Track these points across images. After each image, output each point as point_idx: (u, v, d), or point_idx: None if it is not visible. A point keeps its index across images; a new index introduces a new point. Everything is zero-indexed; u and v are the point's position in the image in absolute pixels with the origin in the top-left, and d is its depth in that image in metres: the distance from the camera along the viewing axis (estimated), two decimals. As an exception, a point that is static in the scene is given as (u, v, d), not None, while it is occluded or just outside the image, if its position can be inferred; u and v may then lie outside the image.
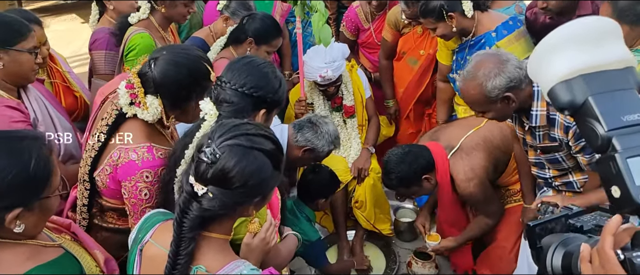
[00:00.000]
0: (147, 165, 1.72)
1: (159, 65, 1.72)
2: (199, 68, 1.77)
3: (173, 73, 1.72)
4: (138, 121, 1.78)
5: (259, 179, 1.25)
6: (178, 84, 1.73)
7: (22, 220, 1.27)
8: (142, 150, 1.73)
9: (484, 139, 2.62)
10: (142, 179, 1.71)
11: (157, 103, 1.74)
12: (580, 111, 0.89)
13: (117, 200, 1.85)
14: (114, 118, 1.78)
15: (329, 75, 3.09)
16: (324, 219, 3.50)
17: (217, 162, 1.22)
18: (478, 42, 2.81)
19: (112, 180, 1.78)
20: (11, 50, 2.03)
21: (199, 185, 1.23)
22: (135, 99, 1.75)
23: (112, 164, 1.76)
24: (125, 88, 1.75)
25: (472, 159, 2.59)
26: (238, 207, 1.28)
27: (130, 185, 1.72)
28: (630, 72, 0.90)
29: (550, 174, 2.28)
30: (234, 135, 1.25)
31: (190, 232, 1.25)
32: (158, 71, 1.72)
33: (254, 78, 1.75)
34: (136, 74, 1.76)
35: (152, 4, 2.67)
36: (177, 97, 1.77)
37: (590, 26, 0.92)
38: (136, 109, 1.75)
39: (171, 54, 1.76)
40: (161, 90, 1.74)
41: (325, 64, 3.07)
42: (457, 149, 2.63)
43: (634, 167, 0.84)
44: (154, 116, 1.75)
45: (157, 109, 1.75)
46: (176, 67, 1.73)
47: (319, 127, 2.69)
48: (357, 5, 3.66)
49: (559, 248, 1.00)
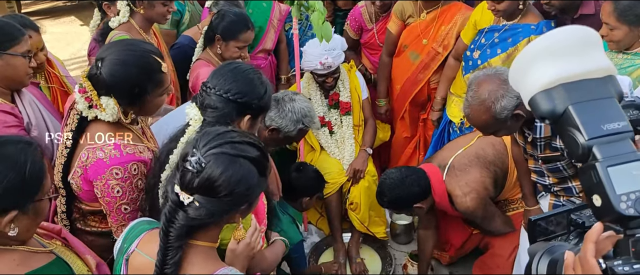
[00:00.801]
0: (116, 162, 1.71)
1: (106, 65, 1.71)
2: (148, 62, 1.75)
3: (121, 73, 1.71)
4: (101, 121, 1.78)
5: (246, 187, 1.25)
6: (129, 83, 1.72)
7: (16, 223, 1.27)
8: (108, 148, 1.73)
9: (476, 156, 2.64)
10: (113, 176, 1.71)
11: (113, 103, 1.73)
12: (561, 120, 0.89)
13: (95, 203, 1.85)
14: (76, 123, 1.78)
15: (329, 61, 3.08)
16: (320, 221, 3.50)
17: (203, 171, 1.22)
18: (515, 29, 2.82)
19: (85, 181, 1.78)
20: (4, 55, 2.03)
21: (185, 195, 1.23)
22: (91, 102, 1.74)
23: (82, 165, 1.76)
24: (78, 92, 1.75)
25: (467, 175, 2.60)
26: (225, 216, 1.28)
27: (101, 184, 1.72)
28: (610, 81, 0.90)
29: (550, 181, 2.29)
30: (219, 144, 1.25)
31: (176, 242, 1.25)
32: (106, 72, 1.70)
33: (239, 84, 1.75)
34: (85, 76, 1.75)
35: (131, 6, 2.66)
36: (130, 95, 1.75)
37: (571, 36, 0.92)
38: (95, 111, 1.75)
39: (117, 52, 1.74)
40: (113, 91, 1.73)
41: (326, 51, 3.06)
42: (449, 168, 2.65)
43: (615, 176, 0.84)
44: (112, 116, 1.75)
45: (114, 109, 1.74)
46: (124, 66, 1.71)
47: (283, 105, 2.55)
48: (362, 5, 3.68)
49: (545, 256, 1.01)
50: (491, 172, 2.61)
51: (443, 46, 3.30)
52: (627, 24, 2.26)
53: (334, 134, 3.40)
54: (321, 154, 3.38)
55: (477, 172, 2.59)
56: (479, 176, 2.58)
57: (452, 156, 2.67)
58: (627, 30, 2.27)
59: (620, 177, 0.84)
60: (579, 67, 0.89)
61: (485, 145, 2.65)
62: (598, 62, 0.90)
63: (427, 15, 3.32)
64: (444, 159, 2.70)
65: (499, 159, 2.62)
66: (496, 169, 2.61)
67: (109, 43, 2.22)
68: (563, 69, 0.89)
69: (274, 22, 3.51)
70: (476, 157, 2.62)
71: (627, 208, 0.82)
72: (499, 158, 2.62)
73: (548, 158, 2.16)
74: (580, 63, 0.89)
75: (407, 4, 3.37)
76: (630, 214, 0.82)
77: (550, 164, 2.18)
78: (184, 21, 3.48)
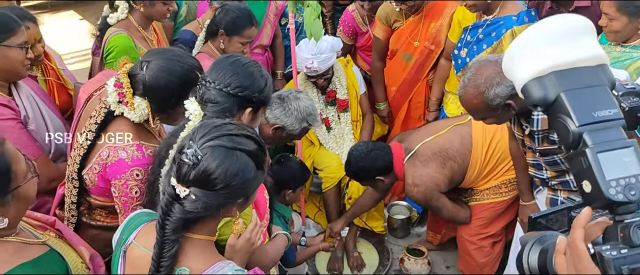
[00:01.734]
0: (137, 163, 1.72)
1: (151, 69, 1.72)
2: (191, 78, 1.77)
3: (165, 80, 1.73)
4: (126, 119, 1.78)
5: (242, 180, 1.24)
6: (168, 91, 1.74)
7: (3, 215, 1.27)
8: (131, 149, 1.73)
9: (441, 148, 2.70)
10: (133, 177, 1.72)
11: (145, 105, 1.75)
12: (553, 107, 0.89)
13: (105, 198, 1.85)
14: (103, 116, 1.78)
15: (315, 66, 3.09)
16: (318, 215, 3.51)
17: (199, 164, 1.21)
18: (496, 23, 2.83)
19: (101, 178, 1.79)
20: (1, 46, 2.02)
21: (181, 187, 1.22)
22: (123, 98, 1.75)
23: (101, 162, 1.76)
24: (113, 86, 1.75)
25: (423, 169, 2.69)
26: (221, 209, 1.26)
27: (120, 183, 1.72)
28: (602, 69, 0.90)
29: (548, 174, 2.29)
30: (216, 136, 1.24)
31: (173, 235, 1.24)
32: (150, 75, 1.72)
33: (239, 77, 1.72)
34: (126, 73, 1.76)
35: (131, 3, 2.61)
36: (165, 103, 1.77)
37: (563, 24, 0.92)
38: (123, 108, 1.76)
39: (165, 60, 1.76)
40: (150, 94, 1.74)
41: (312, 55, 3.07)
42: (413, 154, 2.73)
43: (605, 162, 0.84)
44: (140, 117, 1.76)
45: (144, 111, 1.75)
46: (169, 74, 1.74)
47: (288, 103, 2.55)
48: (353, 9, 3.64)
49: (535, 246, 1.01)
50: (447, 170, 2.69)
51: (435, 43, 3.29)
52: (627, 15, 2.26)
53: (331, 129, 3.40)
54: (320, 149, 3.39)
55: (433, 168, 2.68)
56: (432, 172, 2.67)
57: (421, 142, 2.74)
58: (626, 21, 2.28)
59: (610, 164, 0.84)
60: (570, 54, 0.89)
61: (454, 137, 2.72)
62: (590, 50, 0.90)
63: (412, 17, 3.31)
64: (412, 143, 2.79)
65: (461, 155, 2.69)
66: (453, 165, 2.69)
67: (158, 48, 2.22)
68: (555, 57, 0.89)
69: (271, 17, 3.50)
70: (439, 151, 2.70)
71: (616, 193, 0.83)
72: (460, 154, 2.69)
73: (546, 151, 2.16)
74: (572, 51, 0.89)
75: (390, 10, 3.33)
76: (619, 199, 0.83)
77: (548, 157, 2.19)
78: (181, 14, 3.47)
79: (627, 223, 0.82)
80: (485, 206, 2.79)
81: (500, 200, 2.74)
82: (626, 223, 0.83)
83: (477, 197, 2.81)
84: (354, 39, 3.72)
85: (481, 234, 2.84)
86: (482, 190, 2.78)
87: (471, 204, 2.84)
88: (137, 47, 2.56)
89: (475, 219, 2.83)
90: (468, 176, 2.73)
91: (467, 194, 2.87)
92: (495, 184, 2.74)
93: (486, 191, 2.77)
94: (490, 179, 2.74)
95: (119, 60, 1.80)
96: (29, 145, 2.08)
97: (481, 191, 2.79)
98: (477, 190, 2.80)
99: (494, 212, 2.78)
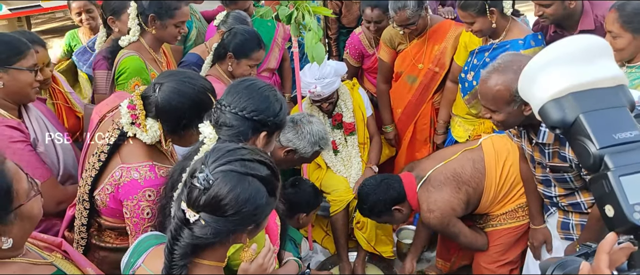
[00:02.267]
0: (150, 184, 1.72)
1: (164, 91, 1.74)
2: (203, 100, 1.79)
3: (176, 102, 1.75)
4: (138, 140, 1.79)
5: (254, 206, 1.21)
6: (180, 113, 1.76)
7: (7, 235, 1.25)
8: (144, 169, 1.74)
9: (453, 174, 2.65)
10: (145, 198, 1.71)
11: (157, 127, 1.76)
12: (572, 129, 0.88)
13: (116, 219, 1.85)
14: (115, 137, 1.80)
15: (318, 91, 3.10)
16: (326, 240, 3.47)
17: (210, 189, 1.18)
18: (503, 46, 2.83)
19: (113, 199, 1.78)
20: (10, 69, 2.04)
21: (191, 212, 1.20)
22: (136, 119, 1.76)
23: (114, 183, 1.76)
24: (127, 108, 1.77)
25: (438, 193, 2.64)
26: (231, 235, 1.24)
27: (132, 204, 1.72)
28: (621, 90, 0.89)
29: (557, 192, 2.26)
30: (229, 161, 1.21)
31: (181, 260, 1.21)
32: (162, 97, 1.74)
33: (255, 101, 1.72)
34: (139, 95, 1.77)
35: (143, 26, 2.63)
36: (177, 125, 1.78)
37: (580, 45, 0.91)
38: (136, 129, 1.77)
39: (177, 82, 1.77)
40: (162, 116, 1.76)
41: (315, 80, 3.08)
42: (425, 181, 2.69)
43: (627, 186, 0.83)
44: (152, 139, 1.77)
45: (157, 133, 1.77)
46: (180, 96, 1.75)
47: (301, 127, 2.56)
48: (360, 31, 3.67)
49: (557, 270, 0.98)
50: (463, 194, 2.64)
51: (439, 66, 3.30)
52: (631, 32, 2.24)
53: (338, 152, 3.39)
54: (327, 172, 3.37)
55: (448, 192, 2.62)
56: (447, 197, 2.62)
57: (432, 168, 2.70)
58: (630, 38, 2.25)
59: (633, 187, 0.83)
60: (588, 75, 0.88)
61: (465, 162, 2.67)
62: (608, 71, 0.90)
63: (416, 40, 3.33)
64: (423, 170, 2.74)
65: (475, 179, 2.64)
66: (468, 189, 2.64)
67: (171, 71, 2.23)
68: (572, 78, 0.88)
69: (278, 41, 3.53)
70: (452, 176, 2.65)
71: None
72: (474, 178, 2.64)
73: (556, 167, 2.13)
74: (590, 72, 0.89)
75: (394, 32, 3.36)
76: None
77: (558, 174, 2.16)
78: (191, 37, 3.51)
79: None
80: (502, 232, 2.71)
81: (518, 224, 2.67)
82: None
83: (494, 222, 2.74)
84: (360, 61, 3.74)
85: (499, 261, 2.76)
86: (499, 216, 2.72)
87: (487, 230, 2.77)
88: (148, 68, 2.58)
89: (492, 246, 2.75)
90: (483, 201, 2.68)
91: (483, 220, 2.81)
92: (512, 208, 2.68)
93: (502, 216, 2.71)
94: (506, 203, 2.68)
95: (130, 82, 1.81)
96: (38, 168, 2.08)
97: (497, 216, 2.72)
98: (493, 216, 2.74)
99: (512, 237, 2.70)
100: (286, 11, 2.75)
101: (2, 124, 2.05)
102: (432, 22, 3.30)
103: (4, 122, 2.07)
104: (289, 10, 2.74)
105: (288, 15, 2.76)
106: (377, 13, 3.38)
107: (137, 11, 2.59)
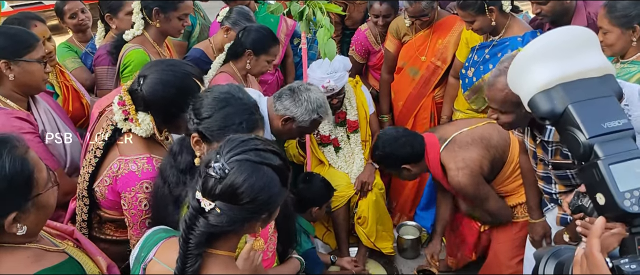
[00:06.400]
0: (147, 176, 1.75)
1: (147, 83, 1.76)
2: (187, 84, 1.80)
3: (161, 92, 1.76)
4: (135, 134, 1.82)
5: (268, 195, 1.24)
6: (167, 102, 1.77)
7: (22, 222, 1.28)
8: (141, 162, 1.76)
9: (481, 137, 2.61)
10: (142, 190, 1.74)
11: (149, 119, 1.79)
12: (561, 120, 0.90)
13: (115, 212, 1.88)
14: (110, 133, 1.82)
15: (332, 84, 3.12)
16: (327, 235, 3.50)
17: (226, 178, 1.21)
18: (502, 43, 2.87)
19: (111, 191, 1.81)
20: (21, 61, 2.08)
21: (207, 201, 1.22)
22: (128, 115, 1.79)
23: (112, 175, 1.79)
24: (118, 105, 1.80)
25: (465, 152, 2.58)
26: (245, 224, 1.26)
27: (130, 196, 1.75)
28: (609, 80, 0.91)
29: (557, 189, 2.28)
30: (244, 150, 1.25)
31: (196, 249, 1.24)
32: (147, 89, 1.76)
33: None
34: (126, 90, 1.80)
35: (147, 20, 2.67)
36: (167, 114, 1.80)
37: (567, 36, 0.93)
38: (130, 125, 1.80)
39: (159, 71, 1.80)
40: (151, 108, 1.78)
41: (327, 74, 3.11)
42: (450, 142, 2.64)
43: (617, 174, 0.84)
44: (146, 132, 1.79)
45: (149, 125, 1.79)
46: (164, 85, 1.77)
47: (299, 94, 2.52)
48: (366, 28, 3.71)
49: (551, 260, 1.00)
50: (490, 155, 2.58)
51: (441, 60, 3.35)
52: (619, 26, 2.26)
53: (341, 150, 3.42)
54: (329, 168, 3.40)
55: (476, 151, 2.57)
56: (475, 155, 2.56)
57: (456, 132, 2.67)
58: (619, 32, 2.27)
59: (623, 175, 0.84)
60: (576, 66, 0.90)
61: (491, 130, 2.62)
62: (595, 61, 0.91)
63: (422, 32, 3.37)
64: (446, 133, 2.70)
65: (501, 146, 2.60)
66: (495, 154, 2.59)
67: (152, 61, 2.26)
68: (561, 69, 0.90)
69: (281, 37, 3.56)
70: (480, 138, 2.60)
71: (631, 205, 0.82)
72: (501, 145, 2.60)
73: (558, 164, 2.15)
74: (578, 62, 0.90)
75: (401, 23, 3.42)
76: (635, 211, 0.82)
77: (560, 171, 2.18)
78: (194, 34, 3.54)
79: None
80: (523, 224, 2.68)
81: None
82: None
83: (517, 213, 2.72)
84: (366, 57, 3.78)
85: (517, 257, 2.74)
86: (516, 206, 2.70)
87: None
88: (152, 61, 2.62)
89: (512, 239, 2.73)
90: (503, 171, 2.65)
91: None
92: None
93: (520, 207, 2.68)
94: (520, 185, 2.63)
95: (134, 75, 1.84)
96: (46, 159, 2.10)
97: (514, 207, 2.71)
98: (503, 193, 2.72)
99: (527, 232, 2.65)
100: (298, 8, 2.79)
101: (12, 116, 2.09)
102: (439, 15, 3.36)
103: (14, 113, 2.10)
104: (300, 7, 2.78)
105: (300, 11, 2.80)
106: (386, 7, 3.45)
107: (141, 5, 2.62)
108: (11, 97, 2.13)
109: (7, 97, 2.12)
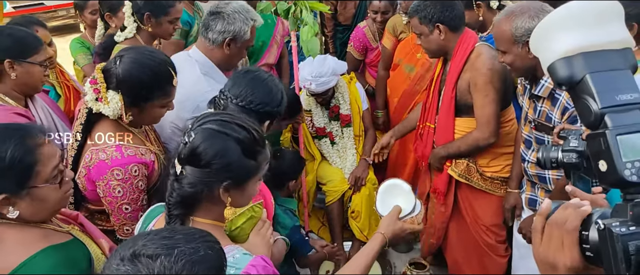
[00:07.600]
0: (116, 164, 1.78)
1: (124, 62, 1.80)
2: (162, 71, 1.85)
3: (136, 71, 1.80)
4: (108, 122, 1.84)
5: (226, 161, 1.31)
6: (139, 83, 1.81)
7: (15, 206, 1.33)
8: (110, 150, 1.79)
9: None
10: (113, 177, 1.77)
11: (118, 98, 1.80)
12: (577, 87, 0.92)
13: (98, 202, 1.90)
14: (85, 116, 1.85)
15: (312, 88, 3.17)
16: (322, 230, 3.53)
17: (190, 142, 1.32)
18: (490, 39, 2.85)
19: (88, 181, 1.84)
20: (24, 63, 2.14)
21: (179, 166, 1.33)
22: (98, 94, 1.81)
23: (86, 166, 1.82)
24: (90, 83, 1.82)
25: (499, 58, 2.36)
26: (206, 188, 1.32)
27: (103, 184, 1.78)
28: (627, 53, 0.93)
29: (531, 157, 2.34)
30: (209, 121, 1.35)
31: (175, 210, 1.34)
32: (123, 68, 1.80)
33: (260, 94, 1.84)
34: (100, 69, 1.83)
35: (139, 24, 2.67)
36: (136, 95, 1.82)
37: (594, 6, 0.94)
38: (100, 105, 1.81)
39: (138, 53, 1.85)
40: (122, 87, 1.80)
41: (311, 78, 3.14)
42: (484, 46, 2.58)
43: (623, 144, 0.87)
44: (113, 111, 1.80)
45: (118, 105, 1.80)
46: (140, 66, 1.81)
47: (224, 13, 2.33)
48: (364, 25, 3.75)
49: None
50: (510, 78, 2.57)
51: None
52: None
53: (335, 144, 3.46)
54: (323, 163, 3.44)
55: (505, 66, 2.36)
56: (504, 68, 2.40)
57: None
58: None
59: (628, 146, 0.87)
60: (600, 37, 0.92)
61: None
62: (618, 34, 0.93)
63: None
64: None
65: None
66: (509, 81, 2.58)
67: (132, 45, 2.27)
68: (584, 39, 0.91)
69: (277, 37, 3.56)
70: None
71: (630, 175, 0.86)
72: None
73: (540, 125, 2.22)
74: (601, 33, 0.92)
75: (398, 21, 3.47)
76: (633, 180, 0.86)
77: (539, 134, 2.25)
78: (192, 34, 3.54)
79: (638, 202, 0.85)
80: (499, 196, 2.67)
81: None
82: (637, 201, 0.85)
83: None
84: (364, 54, 3.82)
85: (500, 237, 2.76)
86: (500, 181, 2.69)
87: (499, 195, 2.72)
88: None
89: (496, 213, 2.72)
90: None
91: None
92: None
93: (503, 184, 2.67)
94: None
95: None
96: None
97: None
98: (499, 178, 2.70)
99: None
100: (284, 6, 2.84)
101: (11, 111, 2.11)
102: None
103: (13, 109, 2.13)
104: (287, 5, 2.82)
105: (286, 9, 2.84)
106: (385, 4, 3.50)
107: (132, 10, 2.64)
108: (10, 95, 2.16)
109: (6, 94, 2.16)
